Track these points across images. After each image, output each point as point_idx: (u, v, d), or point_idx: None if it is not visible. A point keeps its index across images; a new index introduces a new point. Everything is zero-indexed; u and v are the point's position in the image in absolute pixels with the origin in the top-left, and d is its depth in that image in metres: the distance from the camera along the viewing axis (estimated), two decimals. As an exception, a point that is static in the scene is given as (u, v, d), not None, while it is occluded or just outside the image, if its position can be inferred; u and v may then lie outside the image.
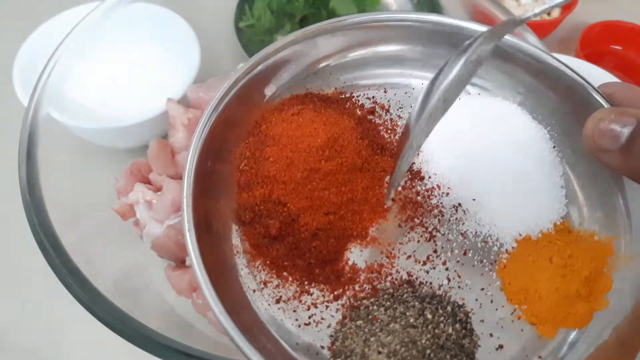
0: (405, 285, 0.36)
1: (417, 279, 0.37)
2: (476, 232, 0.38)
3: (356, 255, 0.37)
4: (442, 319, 0.34)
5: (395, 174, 0.34)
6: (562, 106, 0.40)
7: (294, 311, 0.36)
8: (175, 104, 0.52)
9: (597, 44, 0.71)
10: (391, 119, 0.43)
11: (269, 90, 0.42)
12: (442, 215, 0.38)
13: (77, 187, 0.49)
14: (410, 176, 0.40)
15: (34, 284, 0.54)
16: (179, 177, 0.49)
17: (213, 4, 0.68)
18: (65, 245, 0.41)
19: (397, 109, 0.43)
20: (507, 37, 0.40)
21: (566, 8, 0.72)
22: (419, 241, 0.38)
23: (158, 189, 0.48)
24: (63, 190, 0.46)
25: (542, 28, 0.72)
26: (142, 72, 0.62)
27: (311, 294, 0.36)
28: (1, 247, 0.57)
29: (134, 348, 0.37)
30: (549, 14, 0.73)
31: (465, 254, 0.37)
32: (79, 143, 0.55)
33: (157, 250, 0.47)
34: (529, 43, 0.40)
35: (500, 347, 0.35)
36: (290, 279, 0.36)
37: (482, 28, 0.40)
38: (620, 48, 0.72)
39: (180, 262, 0.47)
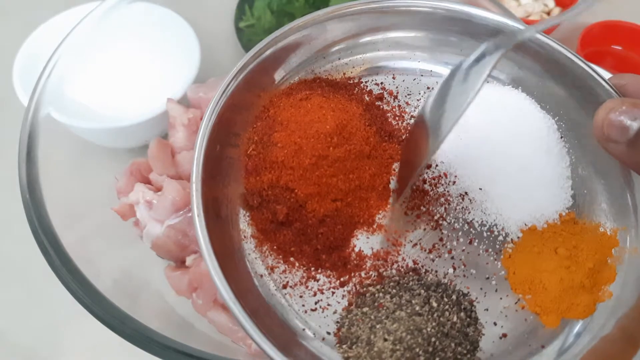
0: (411, 273, 0.37)
1: (422, 267, 0.37)
2: (482, 221, 0.38)
3: (363, 242, 0.38)
4: (447, 307, 0.34)
5: (408, 183, 0.34)
6: (571, 97, 0.40)
7: (301, 297, 0.36)
8: (175, 104, 0.52)
9: (597, 44, 0.71)
10: (399, 106, 0.43)
11: (278, 75, 0.42)
12: (449, 204, 0.39)
13: (77, 187, 0.49)
14: None
15: (34, 284, 0.54)
16: (179, 177, 0.49)
17: (213, 4, 0.68)
18: (65, 245, 0.41)
19: (405, 96, 0.43)
20: (518, 27, 0.40)
21: (566, 8, 0.72)
22: (425, 229, 0.38)
23: (158, 189, 0.48)
24: (63, 190, 0.46)
25: (542, 28, 0.72)
26: (142, 72, 0.62)
27: (317, 280, 0.36)
28: (1, 247, 0.57)
29: (134, 348, 0.37)
30: (548, 13, 0.73)
31: (470, 242, 0.38)
32: (79, 143, 0.55)
33: (157, 250, 0.47)
34: (540, 33, 0.40)
35: (504, 335, 0.35)
36: (297, 264, 0.37)
37: (493, 17, 0.40)
38: (620, 48, 0.72)
39: (180, 263, 0.47)
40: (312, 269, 0.37)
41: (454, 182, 0.39)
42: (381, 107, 0.43)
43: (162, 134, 0.54)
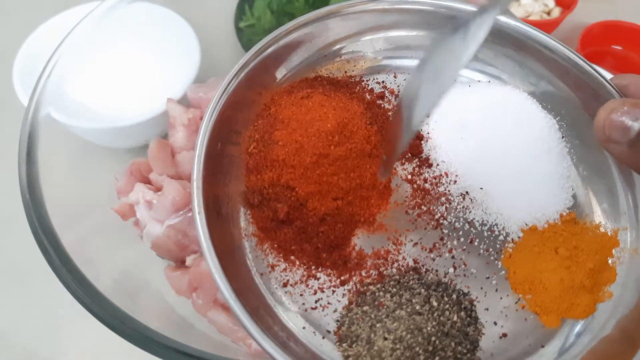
0: (411, 272, 0.37)
1: (423, 266, 0.37)
2: (483, 220, 0.38)
3: (363, 241, 0.38)
4: (447, 306, 0.34)
5: (394, 152, 0.33)
6: (572, 97, 0.40)
7: (301, 295, 0.36)
8: (175, 104, 0.52)
9: (597, 44, 0.71)
10: None
11: (280, 73, 0.42)
12: (450, 203, 0.38)
13: (77, 187, 0.49)
14: (418, 163, 0.40)
15: (34, 284, 0.54)
16: (179, 177, 0.49)
17: (213, 4, 0.68)
18: (65, 245, 0.41)
19: None
20: (520, 26, 0.40)
21: (566, 8, 0.72)
22: (425, 228, 0.38)
23: (158, 189, 0.48)
24: (63, 190, 0.46)
25: (542, 28, 0.71)
26: (142, 72, 0.62)
27: (318, 279, 0.36)
28: (1, 247, 0.57)
29: (134, 348, 0.37)
30: (549, 13, 0.73)
31: (471, 242, 0.38)
32: (79, 143, 0.55)
33: (157, 250, 0.47)
34: (542, 32, 0.40)
35: (504, 335, 0.35)
36: (297, 263, 0.37)
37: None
38: (620, 48, 0.72)
39: (180, 262, 0.47)
40: (313, 267, 0.37)
41: (455, 182, 0.39)
42: (382, 105, 0.43)
43: (162, 134, 0.54)
